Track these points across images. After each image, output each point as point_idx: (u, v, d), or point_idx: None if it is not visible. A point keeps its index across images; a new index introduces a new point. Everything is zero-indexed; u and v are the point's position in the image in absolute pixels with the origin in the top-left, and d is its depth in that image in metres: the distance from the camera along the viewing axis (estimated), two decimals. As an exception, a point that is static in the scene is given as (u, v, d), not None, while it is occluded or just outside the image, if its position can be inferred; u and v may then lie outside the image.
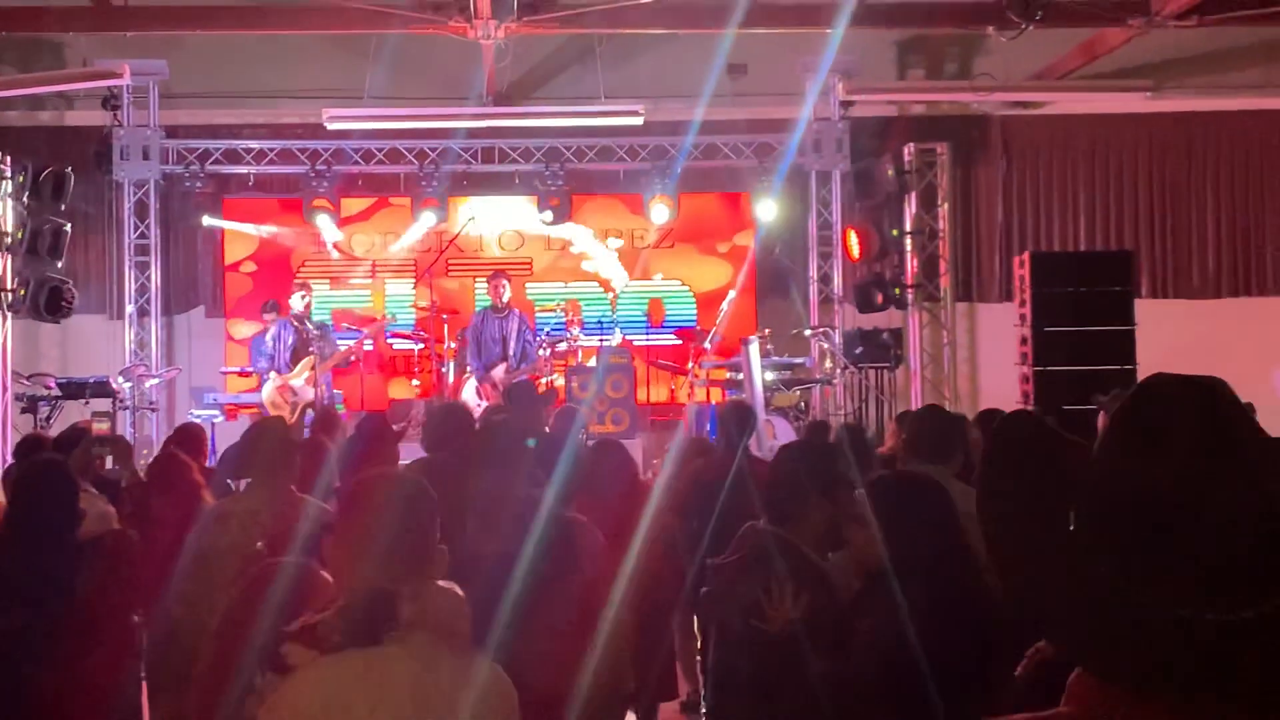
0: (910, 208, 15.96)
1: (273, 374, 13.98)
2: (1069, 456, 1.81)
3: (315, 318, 14.74)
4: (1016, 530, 1.72)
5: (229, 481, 6.53)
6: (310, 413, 12.69)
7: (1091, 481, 1.68)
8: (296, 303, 14.26)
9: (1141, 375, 13.39)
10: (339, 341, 14.57)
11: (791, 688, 4.38)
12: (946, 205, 16.12)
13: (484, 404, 13.66)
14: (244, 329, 16.15)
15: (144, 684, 6.15)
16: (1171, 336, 14.75)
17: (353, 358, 14.58)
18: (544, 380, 14.15)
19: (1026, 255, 14.57)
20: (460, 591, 2.87)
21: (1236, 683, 1.55)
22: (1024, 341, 14.11)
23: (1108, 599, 1.59)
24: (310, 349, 14.00)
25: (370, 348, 15.27)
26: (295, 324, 14.16)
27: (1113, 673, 1.62)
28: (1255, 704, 1.56)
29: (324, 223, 15.72)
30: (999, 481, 1.80)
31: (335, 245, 16.02)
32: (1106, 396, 9.50)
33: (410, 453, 8.21)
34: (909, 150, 15.80)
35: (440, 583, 2.91)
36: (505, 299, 14.49)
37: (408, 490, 3.00)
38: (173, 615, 5.80)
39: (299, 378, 13.90)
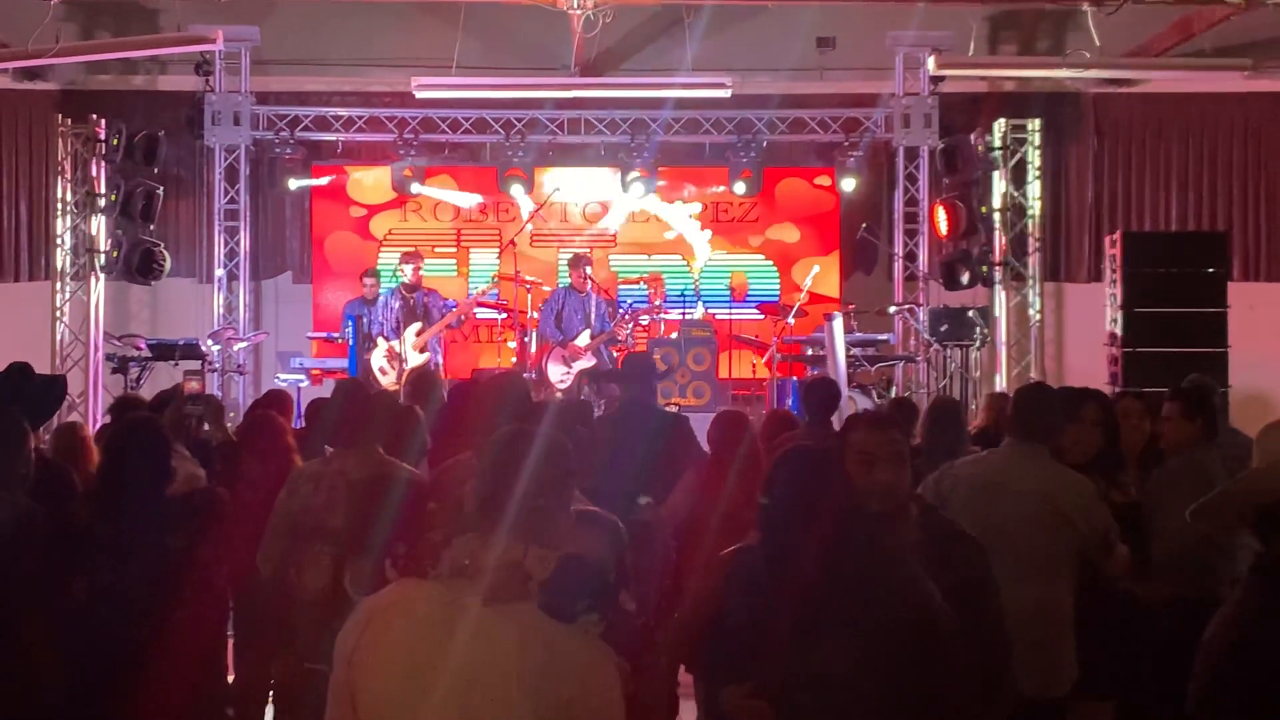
0: (1000, 185, 15.72)
1: (380, 340, 14.08)
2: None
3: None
4: None
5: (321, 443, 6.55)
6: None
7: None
8: (407, 273, 14.26)
9: (1234, 358, 13.27)
10: (447, 309, 14.53)
11: None
12: (1038, 183, 15.87)
13: (573, 369, 13.80)
14: (332, 296, 16.24)
15: (230, 642, 6.23)
16: (1264, 319, 14.49)
17: (454, 324, 14.63)
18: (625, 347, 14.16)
19: (1119, 234, 14.36)
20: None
21: None
22: (1114, 322, 13.92)
23: None
24: (416, 316, 14.08)
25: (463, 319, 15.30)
26: (404, 292, 14.20)
27: None
28: None
29: (417, 189, 15.96)
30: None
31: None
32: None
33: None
34: (1000, 126, 15.57)
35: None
36: (587, 283, 14.41)
37: (541, 447, 2.98)
38: (260, 574, 5.89)
39: (405, 344, 13.99)
